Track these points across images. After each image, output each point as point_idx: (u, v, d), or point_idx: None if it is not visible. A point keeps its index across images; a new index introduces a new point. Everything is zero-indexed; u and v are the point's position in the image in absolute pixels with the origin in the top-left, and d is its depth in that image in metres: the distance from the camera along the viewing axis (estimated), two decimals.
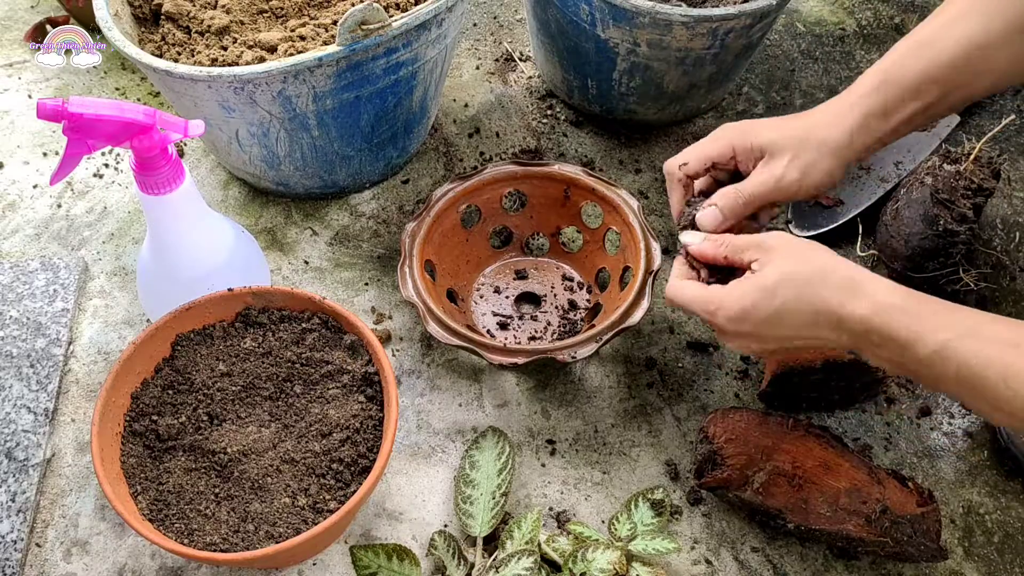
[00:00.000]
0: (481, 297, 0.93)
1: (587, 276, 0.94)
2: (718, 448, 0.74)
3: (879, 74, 0.69)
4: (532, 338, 0.89)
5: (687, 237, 0.71)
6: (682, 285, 0.69)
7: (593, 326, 0.82)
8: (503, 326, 0.89)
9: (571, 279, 0.94)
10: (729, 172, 0.74)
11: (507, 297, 0.92)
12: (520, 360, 0.78)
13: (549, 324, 0.90)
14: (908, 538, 0.70)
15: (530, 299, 0.93)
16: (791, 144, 0.70)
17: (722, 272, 0.69)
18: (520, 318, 0.90)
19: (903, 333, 0.59)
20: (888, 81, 0.68)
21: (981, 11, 0.67)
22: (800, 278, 0.62)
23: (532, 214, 0.94)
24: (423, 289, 0.82)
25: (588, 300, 0.92)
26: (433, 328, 0.80)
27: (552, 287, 0.93)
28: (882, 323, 0.59)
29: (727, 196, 0.71)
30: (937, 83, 0.68)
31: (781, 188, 0.70)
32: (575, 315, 0.91)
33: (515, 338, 0.88)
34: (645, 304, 0.81)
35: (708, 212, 0.71)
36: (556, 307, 0.91)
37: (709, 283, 0.69)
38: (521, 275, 0.94)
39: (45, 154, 1.06)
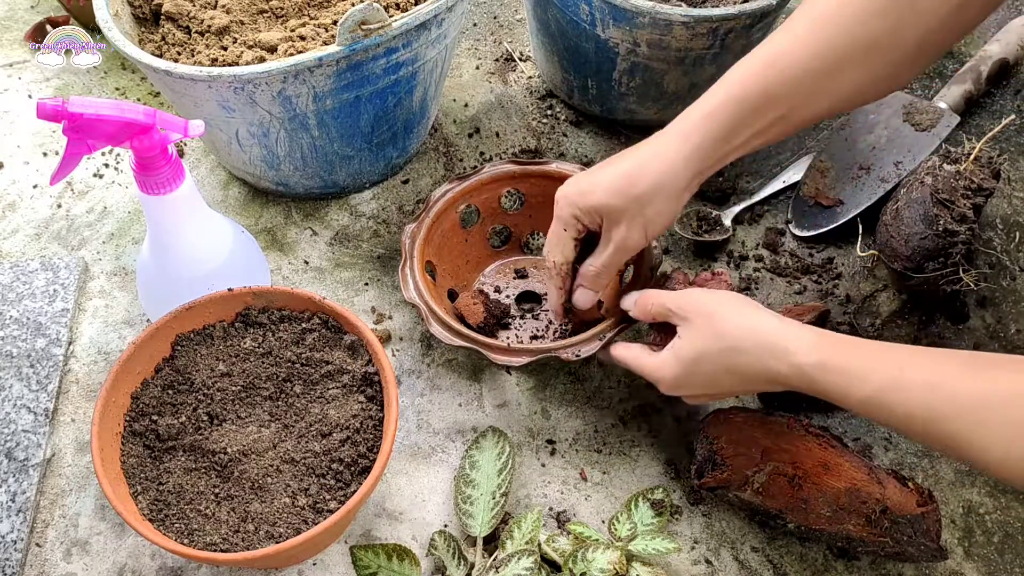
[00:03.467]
0: None
1: None
2: (718, 448, 0.74)
3: (722, 94, 0.69)
4: (534, 337, 0.89)
5: (626, 301, 0.78)
6: (625, 346, 0.77)
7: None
8: (504, 326, 0.89)
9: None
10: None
11: (507, 296, 0.92)
12: (524, 360, 0.78)
13: (551, 323, 0.90)
14: (908, 538, 0.70)
15: (531, 298, 0.93)
16: (627, 206, 0.72)
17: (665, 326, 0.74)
18: (521, 317, 0.90)
19: (829, 388, 0.63)
20: (731, 101, 0.68)
21: (827, 30, 0.65)
22: (715, 354, 0.67)
23: (531, 213, 0.94)
24: (424, 290, 0.82)
25: None
26: (436, 329, 0.80)
27: None
28: (809, 382, 0.63)
29: (587, 275, 0.77)
30: (779, 103, 0.68)
31: (629, 248, 0.74)
32: None
33: (517, 337, 0.88)
34: None
35: (579, 293, 0.79)
36: None
37: (653, 338, 0.76)
38: (521, 274, 0.94)
39: (45, 154, 1.06)
